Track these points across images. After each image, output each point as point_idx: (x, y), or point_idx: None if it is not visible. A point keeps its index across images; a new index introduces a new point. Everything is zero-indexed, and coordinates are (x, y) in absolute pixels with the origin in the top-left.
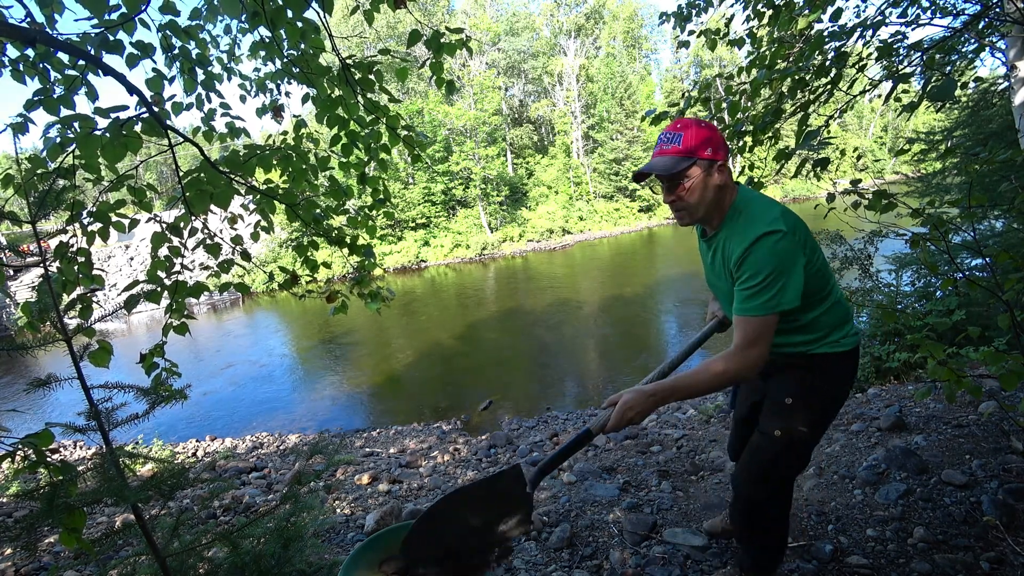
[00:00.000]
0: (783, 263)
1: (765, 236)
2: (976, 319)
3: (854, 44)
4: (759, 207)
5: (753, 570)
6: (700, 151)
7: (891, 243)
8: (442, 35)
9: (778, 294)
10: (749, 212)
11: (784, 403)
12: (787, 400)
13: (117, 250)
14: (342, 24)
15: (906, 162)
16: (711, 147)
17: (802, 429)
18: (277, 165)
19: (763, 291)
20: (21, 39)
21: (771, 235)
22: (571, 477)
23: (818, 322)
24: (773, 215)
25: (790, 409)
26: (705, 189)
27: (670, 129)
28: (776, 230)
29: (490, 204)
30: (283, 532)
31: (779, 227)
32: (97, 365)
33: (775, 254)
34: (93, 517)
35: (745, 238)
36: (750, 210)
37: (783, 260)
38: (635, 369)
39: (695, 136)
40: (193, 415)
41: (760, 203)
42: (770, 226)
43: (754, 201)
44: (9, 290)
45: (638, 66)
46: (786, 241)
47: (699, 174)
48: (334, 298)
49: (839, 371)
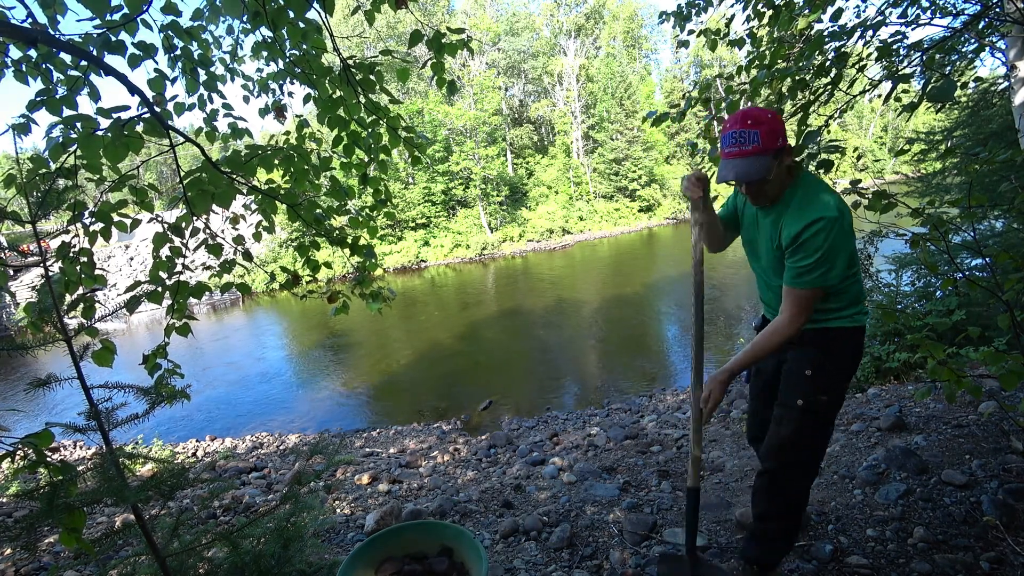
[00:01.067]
0: (835, 246)
1: (822, 220)
2: (976, 319)
3: (854, 44)
4: (816, 189)
5: (758, 561)
6: (776, 144)
7: (891, 243)
8: (443, 35)
9: (825, 273)
10: (807, 193)
11: (804, 374)
12: (807, 372)
13: (117, 250)
14: (342, 25)
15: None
16: (782, 136)
17: (822, 398)
18: (279, 165)
19: (814, 269)
20: (23, 39)
21: (826, 219)
22: (571, 477)
23: (840, 295)
24: (830, 200)
25: (810, 379)
26: (783, 176)
27: (741, 126)
28: (830, 215)
29: (490, 204)
30: (283, 532)
31: (833, 212)
32: (101, 365)
33: (829, 238)
34: (93, 517)
35: (803, 218)
36: (808, 191)
37: (835, 244)
38: (635, 369)
39: (769, 130)
40: (193, 415)
41: (816, 185)
42: (826, 211)
43: (812, 182)
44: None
45: (638, 66)
46: (839, 226)
47: (777, 165)
48: (335, 298)
49: (851, 345)
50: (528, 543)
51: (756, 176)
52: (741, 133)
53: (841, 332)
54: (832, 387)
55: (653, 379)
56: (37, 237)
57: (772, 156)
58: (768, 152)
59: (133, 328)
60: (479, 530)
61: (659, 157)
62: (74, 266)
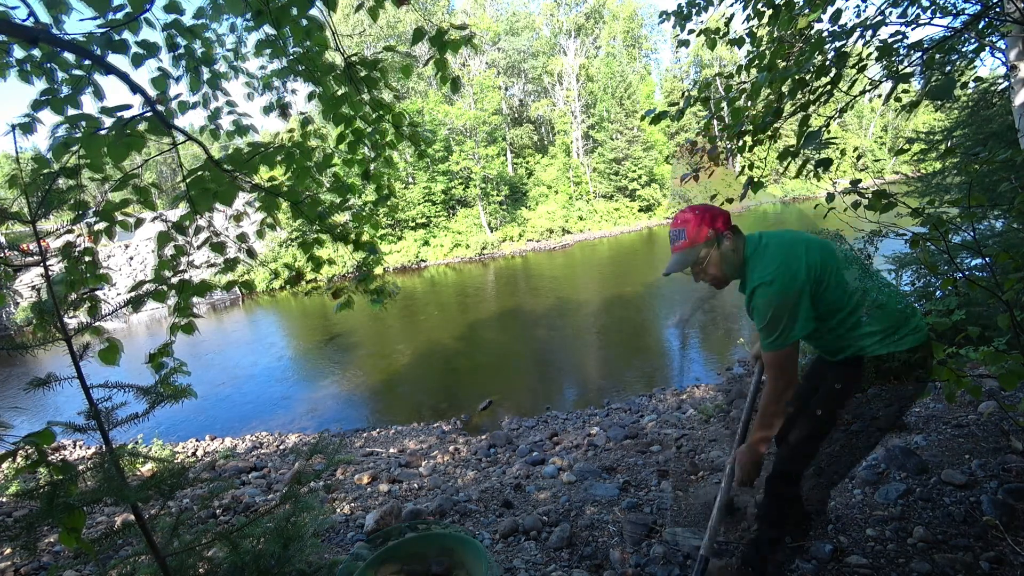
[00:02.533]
0: (780, 306)
1: (759, 288)
2: (976, 319)
3: (854, 44)
4: (757, 259)
5: (752, 564)
6: (701, 236)
7: (891, 243)
8: (446, 32)
9: (784, 331)
10: (751, 264)
11: (834, 387)
12: (836, 385)
13: (117, 249)
14: (342, 24)
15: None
16: (710, 227)
17: (843, 414)
18: (281, 163)
19: (771, 331)
20: (24, 38)
21: (762, 286)
22: (571, 477)
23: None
24: (765, 266)
25: (838, 393)
26: (721, 260)
27: (673, 227)
28: (764, 281)
29: (490, 204)
30: (283, 532)
31: (767, 278)
32: (107, 363)
33: (769, 301)
34: (93, 517)
35: (747, 289)
36: (752, 262)
37: (779, 303)
38: (635, 369)
39: (694, 228)
40: (193, 415)
41: (759, 254)
42: (761, 279)
43: (755, 252)
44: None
45: (638, 66)
46: (775, 287)
47: (709, 252)
48: (339, 295)
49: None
50: (528, 543)
51: (679, 268)
52: (673, 232)
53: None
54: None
55: (653, 379)
56: (37, 236)
57: (699, 247)
58: (694, 244)
59: (133, 328)
60: (479, 530)
61: (659, 157)
62: (78, 265)
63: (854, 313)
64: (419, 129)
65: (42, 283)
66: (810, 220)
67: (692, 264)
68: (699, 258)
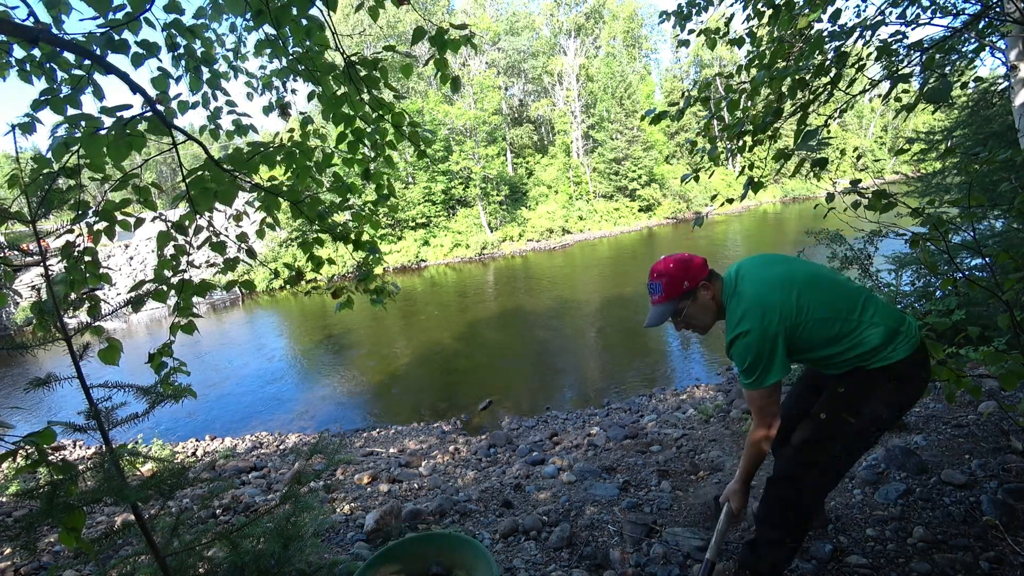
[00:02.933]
0: (757, 353)
1: (735, 339)
2: (976, 319)
3: (854, 44)
4: (734, 306)
5: (749, 566)
6: (678, 290)
7: (891, 243)
8: (446, 31)
9: (762, 374)
10: (728, 310)
11: (837, 391)
12: (840, 389)
13: (116, 249)
14: (342, 24)
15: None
16: (687, 279)
17: (848, 418)
18: (281, 162)
19: (750, 374)
20: (24, 38)
21: (738, 338)
22: (571, 477)
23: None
24: (738, 316)
25: (841, 397)
26: (701, 310)
27: (650, 280)
28: (740, 332)
29: (490, 204)
30: (283, 532)
31: (743, 328)
32: (107, 363)
33: (746, 349)
34: (93, 516)
35: (727, 335)
36: (728, 308)
37: (755, 351)
38: (635, 369)
39: (670, 282)
40: (193, 415)
41: (733, 300)
42: (736, 330)
43: (730, 298)
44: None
45: (638, 66)
46: (751, 337)
47: (688, 304)
48: (340, 294)
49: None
50: (528, 543)
51: (659, 322)
52: (651, 286)
53: (872, 373)
54: (861, 410)
55: (653, 379)
56: (37, 236)
57: (677, 300)
58: (671, 299)
59: (133, 327)
60: (479, 530)
61: (659, 157)
62: (78, 265)
63: (841, 341)
64: (419, 129)
65: (42, 283)
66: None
67: (671, 316)
68: (677, 310)
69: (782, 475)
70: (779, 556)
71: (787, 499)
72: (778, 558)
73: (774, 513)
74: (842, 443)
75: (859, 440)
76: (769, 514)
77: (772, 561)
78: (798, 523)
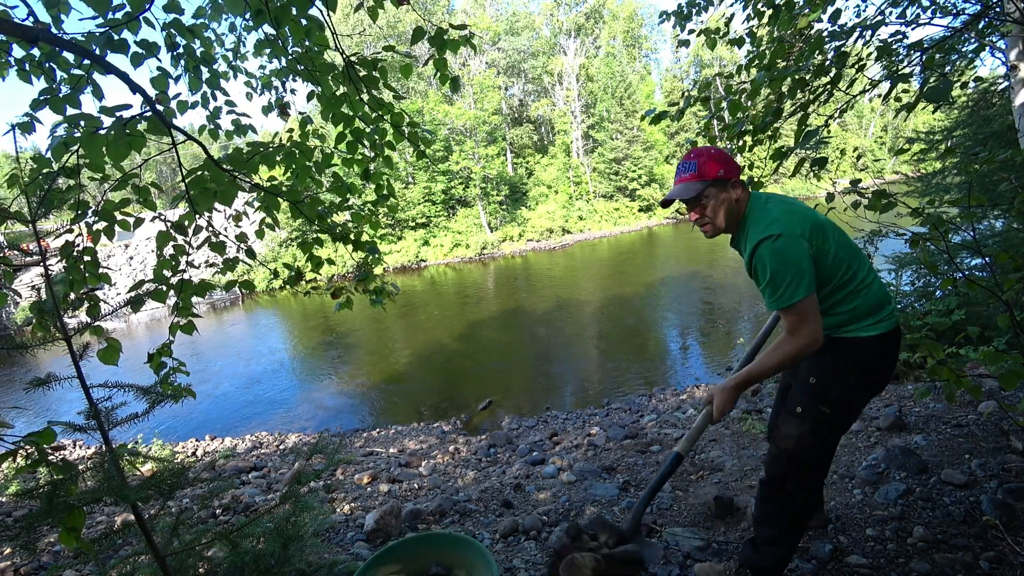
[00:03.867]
0: (785, 260)
1: (762, 242)
2: (976, 319)
3: (854, 44)
4: (759, 213)
5: (751, 565)
6: (712, 173)
7: (891, 243)
8: (446, 32)
9: (790, 286)
10: (752, 219)
11: (808, 382)
12: (811, 379)
13: (117, 249)
14: (342, 24)
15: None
16: (723, 168)
17: (823, 409)
18: (281, 162)
19: (778, 287)
20: (24, 38)
21: (767, 240)
22: (571, 477)
23: (843, 307)
24: (768, 220)
25: (813, 388)
26: (723, 205)
27: (686, 159)
28: (769, 235)
29: (490, 204)
30: (283, 532)
31: (772, 231)
32: (107, 363)
33: (774, 254)
34: (93, 516)
35: (749, 244)
36: (753, 217)
37: (784, 258)
38: (635, 369)
39: (708, 163)
40: (193, 415)
41: (761, 209)
42: (765, 231)
43: (757, 207)
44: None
45: (638, 65)
46: (781, 242)
47: (715, 193)
48: (339, 294)
49: (864, 355)
50: (528, 542)
51: (684, 195)
52: (685, 164)
53: (851, 342)
54: (837, 399)
55: (653, 379)
56: (37, 236)
57: (708, 183)
58: (703, 179)
59: (133, 327)
60: (479, 530)
61: (659, 157)
62: (78, 265)
63: (841, 289)
64: (418, 129)
65: (42, 283)
66: None
67: (693, 198)
68: (702, 194)
69: (773, 476)
70: (780, 552)
71: (781, 497)
72: (780, 554)
73: (771, 511)
74: (823, 435)
75: (838, 427)
76: (765, 513)
77: (774, 558)
78: (795, 518)
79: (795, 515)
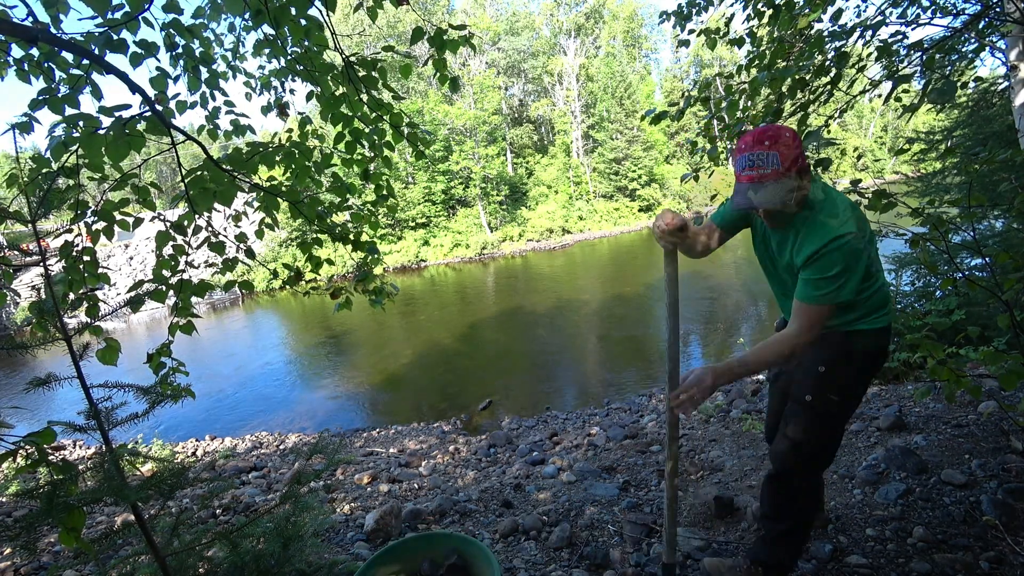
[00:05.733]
0: (849, 263)
1: (838, 239)
2: (976, 319)
3: (854, 44)
4: (831, 206)
5: (761, 561)
6: (797, 163)
7: (891, 243)
8: (445, 32)
9: (838, 289)
10: (823, 210)
11: (817, 371)
12: (820, 368)
13: (117, 249)
14: (342, 24)
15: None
16: (802, 156)
17: (833, 397)
18: (280, 162)
19: (827, 285)
20: (23, 37)
21: (843, 238)
22: (571, 477)
23: (862, 304)
24: (845, 216)
25: (822, 376)
26: (801, 197)
27: (758, 147)
28: (847, 232)
29: (490, 204)
30: (283, 532)
31: (851, 229)
32: (106, 363)
33: (845, 255)
34: (93, 516)
35: (820, 237)
36: (823, 208)
37: (850, 261)
38: (635, 369)
39: (787, 152)
40: (193, 415)
41: (831, 202)
42: (843, 228)
43: (827, 199)
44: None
45: (638, 65)
46: (856, 243)
47: (798, 188)
48: (338, 295)
49: (871, 345)
50: (528, 542)
51: (778, 203)
52: (759, 155)
53: (860, 334)
54: (845, 388)
55: (653, 379)
56: (37, 236)
57: (792, 178)
58: (788, 175)
59: (133, 327)
60: (479, 530)
61: (659, 157)
62: (77, 265)
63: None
64: (418, 130)
65: (42, 283)
66: None
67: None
68: (798, 186)
69: (781, 470)
70: (792, 545)
71: (790, 490)
72: (791, 549)
73: (780, 505)
74: (831, 424)
75: (843, 415)
76: (775, 507)
77: (787, 551)
78: (805, 511)
79: (804, 507)
